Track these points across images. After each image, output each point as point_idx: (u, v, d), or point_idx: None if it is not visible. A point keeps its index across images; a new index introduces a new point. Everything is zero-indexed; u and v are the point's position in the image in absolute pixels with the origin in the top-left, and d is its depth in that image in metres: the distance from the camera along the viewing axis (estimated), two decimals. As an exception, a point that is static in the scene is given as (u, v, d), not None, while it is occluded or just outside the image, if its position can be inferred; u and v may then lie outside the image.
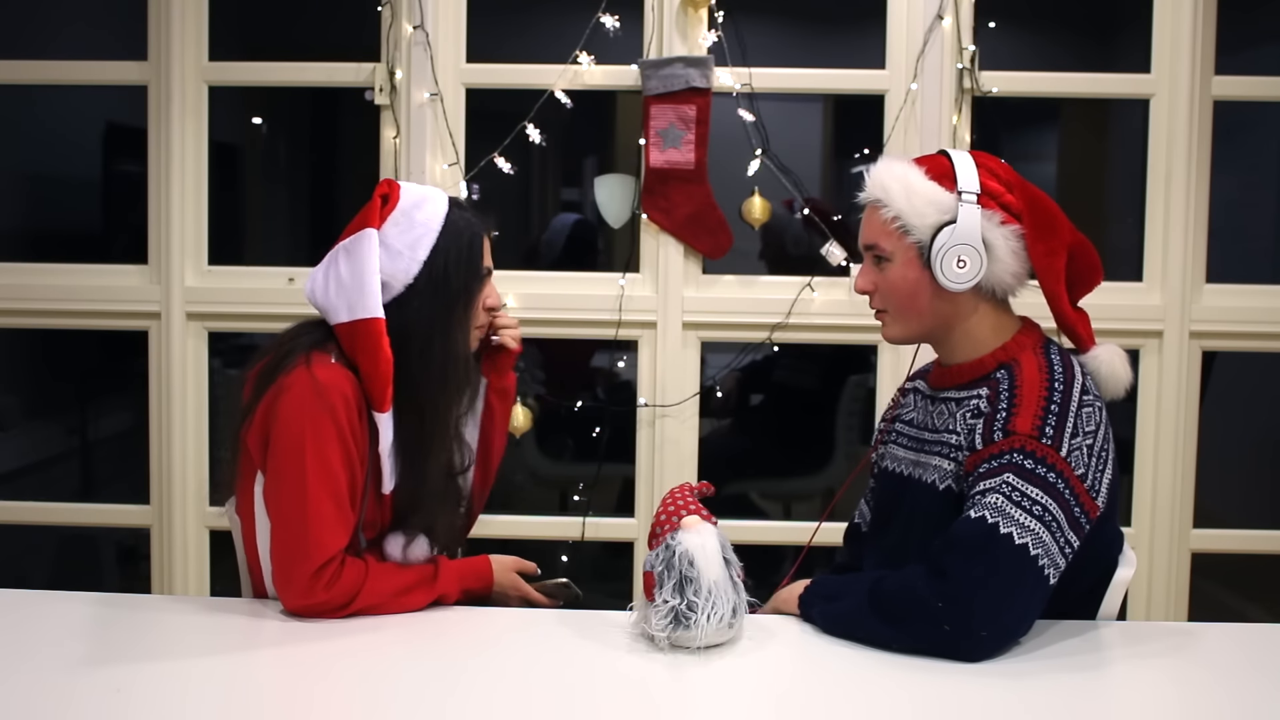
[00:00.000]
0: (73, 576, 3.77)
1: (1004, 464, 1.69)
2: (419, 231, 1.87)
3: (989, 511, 1.65)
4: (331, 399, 1.80)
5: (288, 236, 4.77)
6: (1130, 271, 3.04)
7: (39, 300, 3.08)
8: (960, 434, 1.80)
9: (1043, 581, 1.65)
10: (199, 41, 3.03)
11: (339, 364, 1.85)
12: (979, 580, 1.61)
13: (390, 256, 1.86)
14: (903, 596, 1.66)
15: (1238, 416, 3.89)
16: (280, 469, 1.81)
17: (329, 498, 1.79)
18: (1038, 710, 1.52)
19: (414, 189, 1.93)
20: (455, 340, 1.90)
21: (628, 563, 3.11)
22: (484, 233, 1.95)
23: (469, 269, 1.91)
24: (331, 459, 1.80)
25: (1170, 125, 2.95)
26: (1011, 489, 1.66)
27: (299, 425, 1.80)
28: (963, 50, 2.92)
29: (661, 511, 1.75)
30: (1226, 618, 2.66)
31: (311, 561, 1.77)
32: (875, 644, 1.67)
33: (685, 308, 2.99)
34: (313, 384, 1.81)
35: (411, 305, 1.87)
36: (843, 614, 1.73)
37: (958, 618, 1.61)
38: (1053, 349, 1.84)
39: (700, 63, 2.92)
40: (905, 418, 1.98)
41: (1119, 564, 1.88)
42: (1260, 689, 1.59)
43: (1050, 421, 1.71)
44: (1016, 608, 1.65)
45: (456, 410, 1.95)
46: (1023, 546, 1.63)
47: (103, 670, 1.58)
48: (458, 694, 1.54)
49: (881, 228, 1.83)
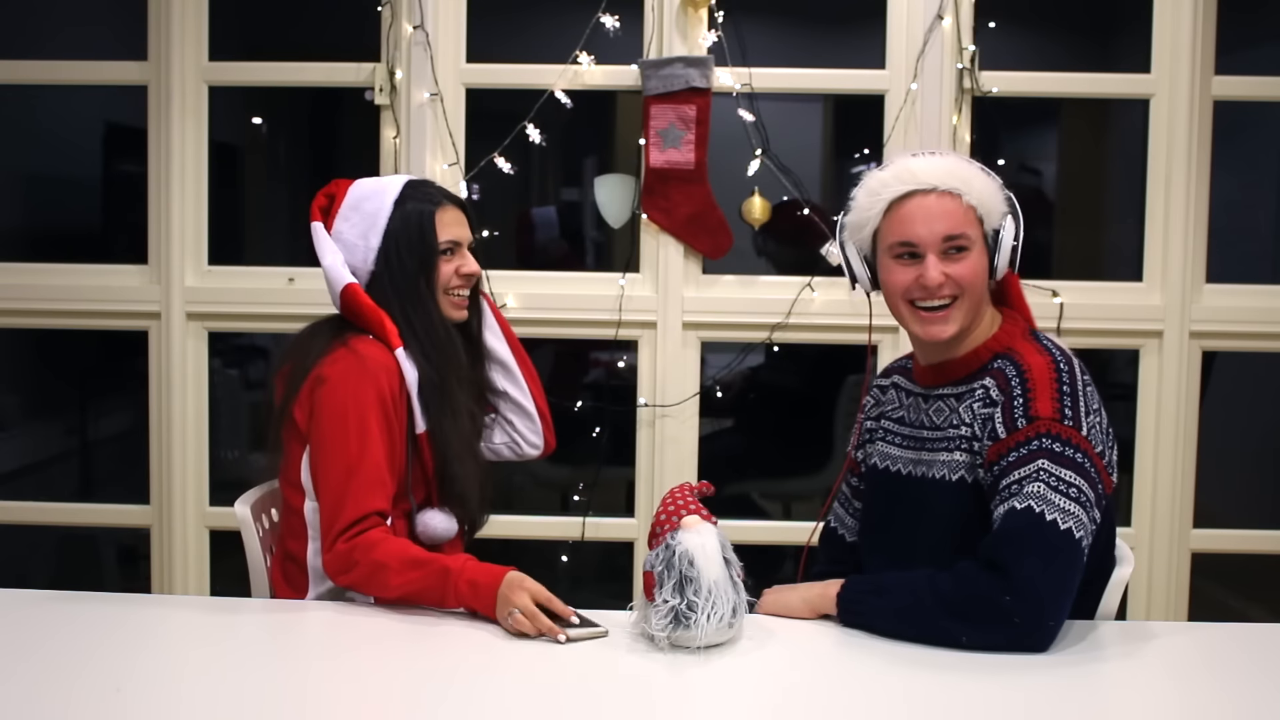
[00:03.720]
0: (73, 576, 3.77)
1: (1036, 450, 1.72)
2: (368, 223, 2.04)
3: (1034, 501, 1.69)
4: (374, 370, 1.96)
5: (288, 236, 4.77)
6: (1130, 271, 3.04)
7: (39, 300, 3.08)
8: (973, 424, 1.82)
9: (1084, 558, 1.70)
10: (199, 41, 3.03)
11: (376, 341, 2.01)
12: (1040, 571, 1.65)
13: (349, 250, 2.05)
14: (967, 595, 1.67)
15: (1238, 416, 3.89)
16: (324, 436, 1.95)
17: (368, 462, 1.93)
18: (1039, 710, 1.52)
19: (366, 183, 2.10)
20: (427, 311, 2.05)
21: (628, 563, 3.11)
22: (439, 207, 2.07)
23: (421, 246, 2.04)
24: (372, 426, 1.94)
25: (1170, 125, 2.95)
26: (1049, 475, 1.70)
27: (344, 395, 1.95)
28: (963, 50, 2.92)
29: (661, 511, 1.76)
30: (1226, 618, 2.66)
31: (346, 517, 1.90)
32: (943, 642, 1.68)
33: (685, 308, 2.99)
34: (356, 359, 1.97)
35: (380, 288, 2.04)
36: (903, 610, 1.72)
37: (1028, 612, 1.64)
38: (1040, 335, 1.89)
39: (700, 63, 2.92)
40: (893, 415, 1.99)
41: (1116, 562, 1.90)
42: (1260, 689, 1.59)
43: (1067, 403, 1.75)
44: (1070, 590, 1.69)
45: (455, 371, 2.07)
46: (1068, 531, 1.68)
47: (103, 670, 1.58)
48: (458, 693, 1.54)
49: (964, 217, 1.83)
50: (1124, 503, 3.08)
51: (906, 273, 1.84)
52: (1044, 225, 4.01)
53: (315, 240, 2.07)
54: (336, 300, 2.07)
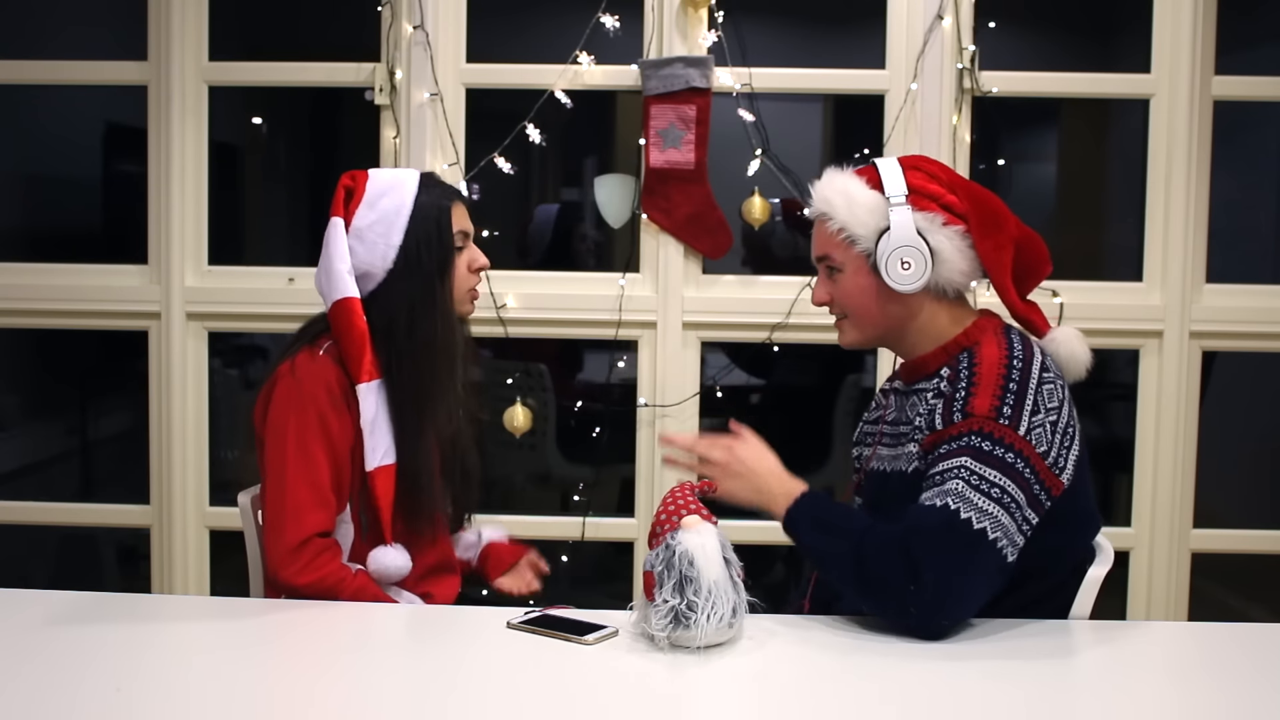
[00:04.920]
0: (73, 576, 3.77)
1: (961, 447, 1.74)
2: (390, 219, 1.99)
3: (951, 498, 1.70)
4: (313, 389, 1.93)
5: (288, 236, 4.78)
6: (1130, 271, 3.04)
7: (39, 300, 3.08)
8: (924, 415, 1.84)
9: (1002, 563, 1.71)
10: (199, 41, 3.03)
11: (325, 355, 1.98)
12: (946, 571, 1.67)
13: (367, 248, 1.99)
14: (879, 573, 1.70)
15: (1238, 416, 3.89)
16: (267, 455, 1.94)
17: (305, 482, 1.91)
18: (1039, 710, 1.52)
19: (382, 176, 2.04)
20: (443, 310, 2.03)
21: (628, 562, 3.11)
22: (452, 203, 2.06)
23: (440, 245, 2.02)
24: (311, 446, 1.92)
25: (1170, 125, 2.95)
26: (969, 473, 1.71)
27: (284, 415, 1.93)
28: (963, 50, 2.92)
29: (662, 511, 1.76)
30: (1226, 618, 2.66)
31: (286, 540, 1.89)
32: (841, 590, 1.79)
33: (685, 308, 2.99)
34: (294, 377, 1.95)
35: (397, 287, 2.00)
36: (827, 556, 1.78)
37: (925, 607, 1.67)
38: (1013, 332, 1.89)
39: (700, 63, 2.92)
40: (888, 419, 2.01)
41: (1096, 558, 1.88)
42: (1260, 689, 1.59)
43: (1008, 401, 1.76)
44: (978, 592, 1.71)
45: (455, 373, 2.06)
46: (981, 531, 1.68)
47: (103, 670, 1.58)
48: (457, 693, 1.54)
49: (829, 239, 1.92)
50: (1124, 503, 3.08)
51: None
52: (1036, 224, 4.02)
53: (330, 239, 2.00)
54: (326, 301, 2.02)
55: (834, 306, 1.96)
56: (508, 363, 3.36)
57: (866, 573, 1.71)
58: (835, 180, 1.91)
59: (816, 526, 1.80)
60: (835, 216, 1.89)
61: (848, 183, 1.90)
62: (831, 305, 1.96)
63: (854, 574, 1.73)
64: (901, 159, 1.91)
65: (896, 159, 1.91)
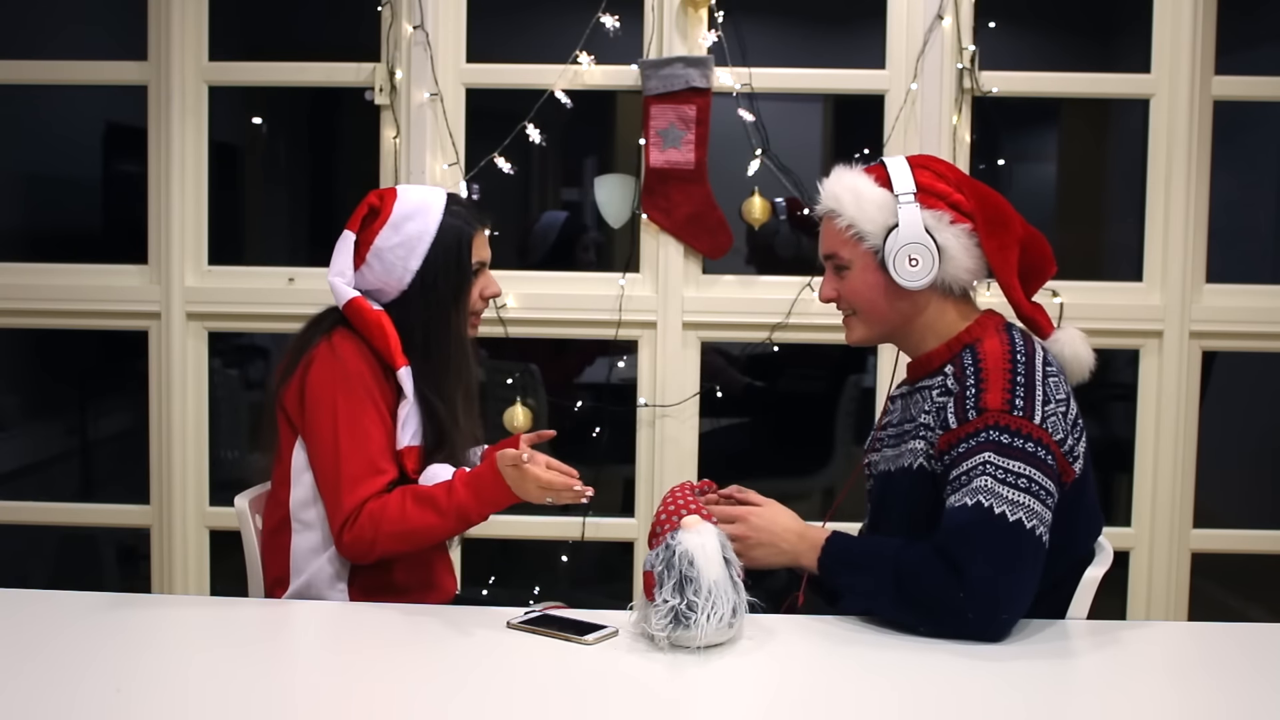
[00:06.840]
0: (73, 576, 3.77)
1: (981, 443, 1.75)
2: (412, 244, 2.03)
3: (983, 495, 1.71)
4: (357, 365, 1.99)
5: (288, 236, 4.78)
6: (1130, 271, 3.04)
7: (39, 300, 3.08)
8: (930, 413, 1.85)
9: (1041, 548, 1.72)
10: (199, 41, 3.02)
11: (355, 337, 2.03)
12: (993, 569, 1.67)
13: (385, 268, 2.03)
14: (925, 591, 1.70)
15: (1238, 416, 3.89)
16: (315, 432, 1.98)
17: (357, 454, 1.95)
18: (1039, 709, 1.52)
19: (411, 195, 2.06)
20: (452, 332, 2.07)
21: (628, 562, 3.11)
22: (476, 230, 2.08)
23: (458, 273, 2.06)
24: (362, 418, 1.97)
25: (1170, 125, 2.95)
26: (995, 467, 1.72)
27: (330, 391, 1.97)
28: (963, 50, 2.92)
29: (662, 511, 1.76)
30: (1226, 618, 2.65)
31: (343, 510, 1.93)
32: (904, 629, 1.74)
33: (685, 308, 2.99)
34: (335, 355, 1.99)
35: (409, 308, 2.04)
36: (868, 594, 1.78)
37: (981, 609, 1.67)
38: (1014, 329, 1.91)
39: (700, 63, 2.92)
40: (895, 421, 2.01)
41: (1094, 558, 1.89)
42: (1260, 689, 1.59)
43: (1019, 393, 1.77)
44: (1027, 583, 1.71)
45: (469, 394, 2.12)
46: (1018, 523, 1.69)
47: (103, 670, 1.58)
48: (458, 693, 1.54)
49: (837, 237, 1.93)
50: (1124, 503, 3.08)
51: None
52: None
53: (337, 247, 2.04)
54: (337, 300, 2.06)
55: (841, 303, 1.98)
56: (507, 362, 3.36)
57: (911, 591, 1.71)
58: (844, 178, 1.93)
59: (850, 568, 1.82)
60: (844, 213, 1.90)
61: (856, 180, 1.91)
62: (839, 302, 1.98)
63: (900, 597, 1.73)
64: (909, 158, 1.92)
65: (904, 158, 1.92)
